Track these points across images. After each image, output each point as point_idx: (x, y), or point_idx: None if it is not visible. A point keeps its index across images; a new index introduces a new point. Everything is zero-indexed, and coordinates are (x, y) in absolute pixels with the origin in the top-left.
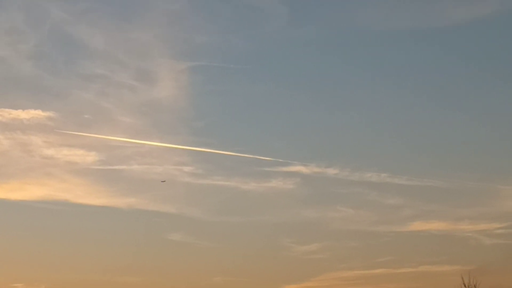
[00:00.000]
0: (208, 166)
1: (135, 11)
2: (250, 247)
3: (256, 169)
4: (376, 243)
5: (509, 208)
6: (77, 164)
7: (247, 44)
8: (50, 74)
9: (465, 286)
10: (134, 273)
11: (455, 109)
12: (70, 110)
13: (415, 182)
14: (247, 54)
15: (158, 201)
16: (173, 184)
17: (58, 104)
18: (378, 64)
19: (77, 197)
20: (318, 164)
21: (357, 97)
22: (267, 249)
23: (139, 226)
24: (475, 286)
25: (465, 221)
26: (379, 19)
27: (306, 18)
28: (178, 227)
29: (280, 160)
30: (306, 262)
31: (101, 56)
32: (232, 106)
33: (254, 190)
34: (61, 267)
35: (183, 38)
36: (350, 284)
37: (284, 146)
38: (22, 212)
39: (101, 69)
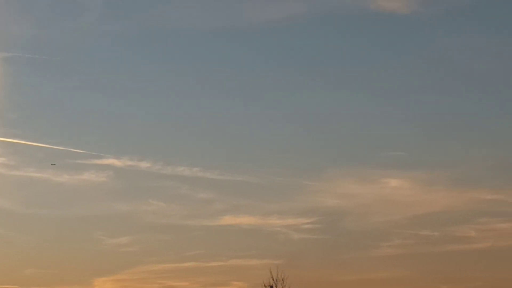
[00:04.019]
0: (20, 158)
1: None
2: (62, 240)
3: (69, 162)
4: (187, 237)
5: (316, 204)
6: None
7: (61, 37)
8: None
9: (273, 279)
10: None
11: (264, 106)
12: None
13: (226, 177)
14: (61, 46)
15: None
16: None
17: None
18: (189, 61)
19: None
20: (131, 157)
21: (168, 93)
22: (79, 242)
23: None
24: (283, 279)
25: (274, 216)
26: (190, 17)
27: (120, 13)
28: None
29: (93, 152)
30: (117, 255)
31: None
32: (46, 98)
33: (66, 183)
34: None
35: None
36: (161, 277)
37: (97, 139)
38: None
39: None
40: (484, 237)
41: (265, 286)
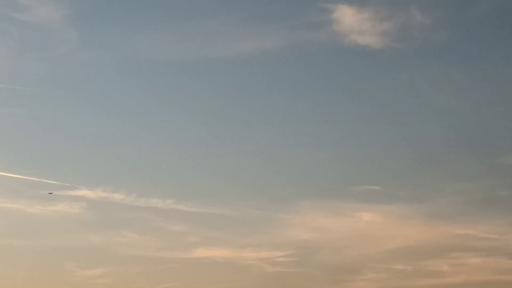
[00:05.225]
0: None
1: None
2: (34, 271)
3: (42, 192)
4: (160, 269)
5: (290, 237)
6: None
7: (36, 67)
8: None
9: None
10: None
11: (237, 139)
12: None
13: (200, 209)
14: (36, 76)
15: None
16: None
17: None
18: (161, 93)
19: None
20: (104, 188)
21: (143, 122)
22: (51, 273)
23: None
24: None
25: (248, 248)
26: (164, 49)
27: (94, 44)
28: None
29: (66, 184)
30: (90, 287)
31: None
32: (19, 128)
33: (39, 214)
34: None
35: None
36: None
37: (70, 170)
38: None
39: None
40: (457, 271)
41: None
